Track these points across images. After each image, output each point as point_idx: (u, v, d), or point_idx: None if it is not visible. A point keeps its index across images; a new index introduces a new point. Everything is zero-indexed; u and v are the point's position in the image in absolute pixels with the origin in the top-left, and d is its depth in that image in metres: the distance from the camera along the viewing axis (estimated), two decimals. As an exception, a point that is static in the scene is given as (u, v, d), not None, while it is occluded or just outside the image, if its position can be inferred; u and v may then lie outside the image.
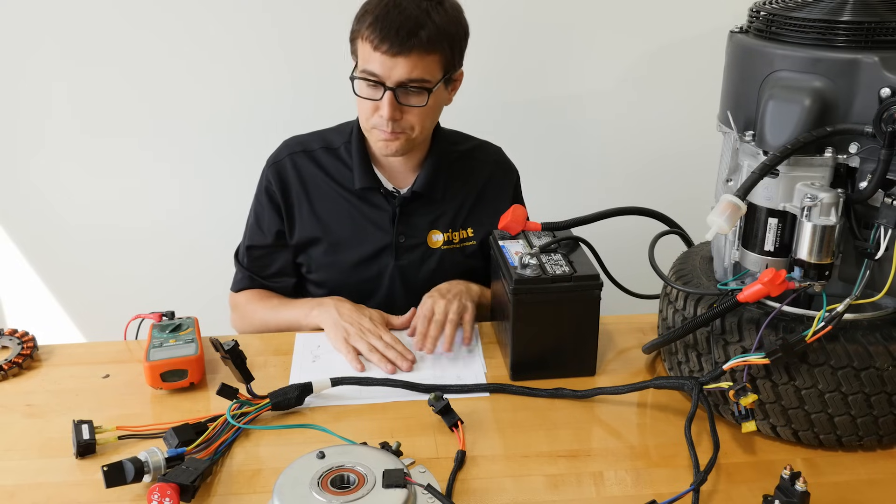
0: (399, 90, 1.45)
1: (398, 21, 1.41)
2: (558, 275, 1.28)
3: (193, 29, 2.17)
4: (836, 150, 1.06)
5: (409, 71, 1.43)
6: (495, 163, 1.71)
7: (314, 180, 1.63)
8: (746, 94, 1.14)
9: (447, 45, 1.47)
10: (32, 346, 1.41)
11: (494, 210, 1.59)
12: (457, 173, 1.65)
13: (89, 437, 1.13)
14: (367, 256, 1.63)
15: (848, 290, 1.09)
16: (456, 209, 1.65)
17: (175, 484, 1.01)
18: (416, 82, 1.44)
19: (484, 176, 1.68)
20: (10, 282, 2.46)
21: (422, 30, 1.42)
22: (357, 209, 1.62)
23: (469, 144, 1.71)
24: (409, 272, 1.63)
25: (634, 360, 1.39)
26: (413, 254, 1.63)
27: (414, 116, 1.49)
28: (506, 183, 1.71)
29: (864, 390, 1.08)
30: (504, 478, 1.10)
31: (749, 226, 1.16)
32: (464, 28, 1.53)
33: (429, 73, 1.45)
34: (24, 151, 2.28)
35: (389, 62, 1.42)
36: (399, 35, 1.40)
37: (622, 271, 1.46)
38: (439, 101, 1.53)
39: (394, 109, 1.46)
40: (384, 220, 1.62)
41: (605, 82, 2.31)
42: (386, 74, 1.43)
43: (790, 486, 0.98)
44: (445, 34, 1.46)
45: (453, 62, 1.51)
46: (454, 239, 1.65)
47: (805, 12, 1.09)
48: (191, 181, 2.31)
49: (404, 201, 1.61)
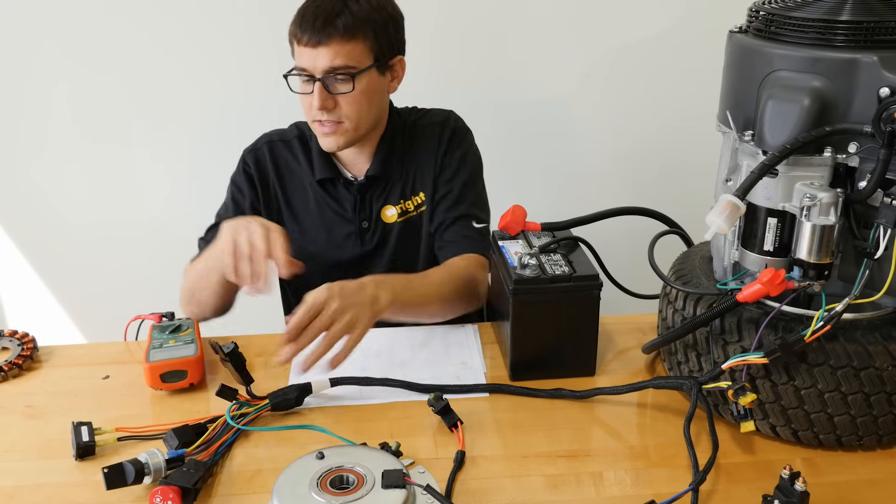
0: (328, 80, 1.49)
1: (315, 13, 1.47)
2: (558, 275, 1.28)
3: (192, 32, 2.18)
4: (835, 150, 1.06)
5: (331, 59, 1.47)
6: (438, 124, 1.68)
7: (288, 168, 1.68)
8: (745, 94, 1.14)
9: (370, 30, 1.51)
10: (32, 347, 1.41)
11: (439, 166, 1.63)
12: (406, 145, 1.67)
13: (89, 438, 1.13)
14: (335, 245, 1.67)
15: (847, 289, 1.09)
16: (405, 178, 1.66)
17: (177, 487, 1.01)
18: (340, 69, 1.49)
19: (427, 138, 1.67)
20: (10, 283, 2.46)
21: (338, 18, 1.47)
22: (322, 199, 1.67)
23: (417, 115, 1.72)
24: (376, 256, 1.67)
25: (634, 360, 1.39)
26: (375, 236, 1.67)
27: (346, 105, 1.52)
28: (447, 139, 1.66)
29: (864, 390, 1.08)
30: (503, 478, 1.10)
31: (748, 225, 1.15)
32: (390, 14, 1.56)
33: (352, 60, 1.49)
34: (24, 153, 2.28)
35: (312, 53, 1.48)
36: (315, 25, 1.46)
37: (622, 271, 1.46)
38: (373, 87, 1.55)
39: (324, 99, 1.49)
40: (347, 209, 1.66)
41: (605, 82, 2.31)
42: (311, 66, 1.49)
43: (790, 486, 0.98)
44: (366, 20, 1.50)
45: (382, 48, 1.54)
46: (409, 208, 1.66)
47: (804, 12, 1.09)
48: (191, 182, 2.31)
49: (361, 187, 1.64)
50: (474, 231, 1.60)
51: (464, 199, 1.64)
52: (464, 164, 1.66)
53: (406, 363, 1.38)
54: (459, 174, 1.65)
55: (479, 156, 1.72)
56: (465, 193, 1.65)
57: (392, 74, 1.60)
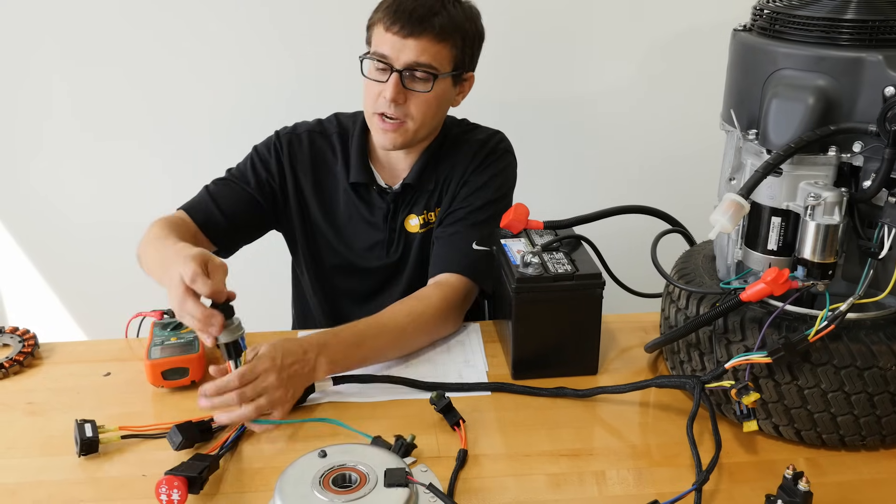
0: (406, 74, 1.44)
1: (412, 5, 1.43)
2: (560, 273, 1.27)
3: (193, 28, 2.17)
4: (839, 149, 1.06)
5: (418, 54, 1.43)
6: (480, 141, 1.61)
7: (325, 163, 1.61)
8: (750, 93, 1.13)
9: (459, 38, 1.48)
10: (33, 343, 1.40)
11: (464, 181, 1.56)
12: (445, 157, 1.60)
13: (92, 434, 1.13)
14: (358, 253, 1.63)
15: (851, 289, 1.09)
16: (434, 189, 1.60)
17: (183, 477, 1.01)
18: (423, 67, 1.44)
19: (464, 153, 1.59)
20: (11, 279, 2.46)
21: (435, 17, 1.43)
22: (353, 204, 1.62)
23: (465, 128, 1.65)
24: (399, 267, 1.63)
25: (636, 359, 1.39)
26: (400, 247, 1.62)
27: (416, 105, 1.47)
28: (482, 156, 1.58)
29: (868, 390, 1.08)
30: (506, 477, 1.10)
31: (752, 225, 1.15)
32: (478, 30, 1.53)
33: (437, 61, 1.45)
34: (25, 150, 2.28)
35: (399, 43, 1.43)
36: (412, 18, 1.42)
37: (624, 270, 1.46)
38: (444, 95, 1.51)
39: (398, 92, 1.44)
40: (377, 217, 1.61)
41: (605, 82, 2.31)
42: (395, 56, 1.43)
43: (793, 486, 0.98)
44: (459, 27, 1.47)
45: (464, 60, 1.51)
46: (430, 220, 1.60)
47: (809, 10, 1.09)
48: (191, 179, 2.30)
49: (396, 196, 1.60)
50: (471, 253, 1.46)
51: (474, 219, 1.54)
52: (489, 185, 1.57)
53: (408, 361, 1.38)
54: (481, 193, 1.56)
55: (512, 183, 1.63)
56: (479, 214, 1.54)
57: (461, 88, 1.56)
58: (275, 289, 2.00)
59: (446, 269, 1.49)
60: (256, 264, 1.77)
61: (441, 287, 1.45)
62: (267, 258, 1.84)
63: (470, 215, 1.54)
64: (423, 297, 1.43)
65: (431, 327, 1.41)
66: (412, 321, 1.37)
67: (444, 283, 1.46)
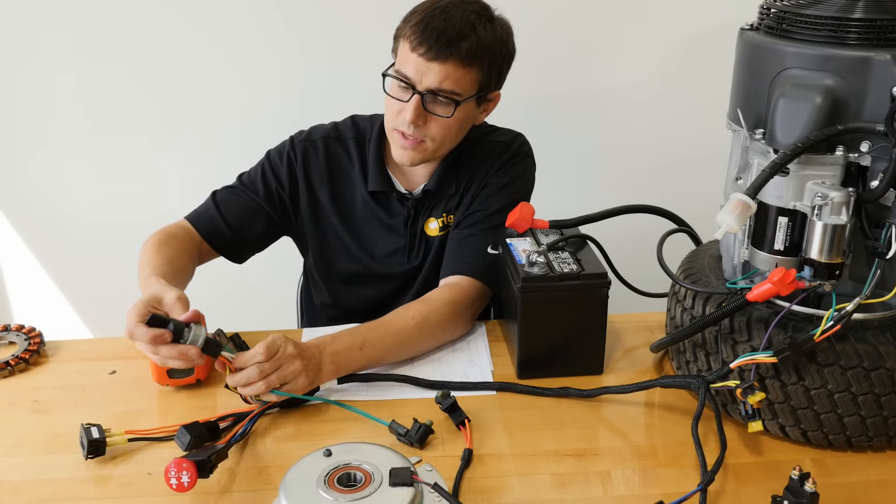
0: (427, 97, 1.41)
1: (441, 27, 1.38)
2: (566, 273, 1.27)
3: (200, 26, 2.17)
4: (847, 149, 1.06)
5: (441, 79, 1.39)
6: (502, 143, 1.59)
7: (341, 170, 1.59)
8: (757, 92, 1.13)
9: (487, 62, 1.43)
10: (39, 341, 1.41)
11: (483, 183, 1.54)
12: (466, 161, 1.58)
13: (99, 435, 1.12)
14: (379, 259, 1.61)
15: (858, 289, 1.08)
16: (454, 192, 1.57)
17: (192, 461, 1.01)
18: (445, 93, 1.41)
19: (486, 156, 1.57)
20: (17, 278, 2.46)
21: (463, 41, 1.38)
22: (372, 211, 1.59)
23: (484, 130, 1.62)
24: (420, 271, 1.60)
25: (642, 358, 1.39)
26: (420, 251, 1.60)
27: (436, 127, 1.44)
28: (504, 160, 1.57)
29: (874, 390, 1.08)
30: (511, 476, 1.10)
31: (759, 224, 1.15)
32: (508, 50, 1.48)
33: (460, 87, 1.41)
34: (30, 148, 2.28)
35: (424, 66, 1.39)
36: (439, 41, 1.37)
37: (630, 269, 1.46)
38: (467, 117, 1.48)
39: (417, 115, 1.41)
40: (398, 223, 1.59)
41: (611, 82, 2.31)
42: (418, 79, 1.40)
43: (799, 487, 0.98)
44: (487, 51, 1.42)
45: (489, 82, 1.47)
46: (449, 222, 1.58)
47: (816, 9, 1.08)
48: (197, 178, 2.30)
49: (417, 202, 1.58)
50: (485, 256, 1.46)
51: (490, 222, 1.52)
52: (508, 188, 1.55)
53: (414, 360, 1.38)
54: (499, 196, 1.54)
55: (530, 187, 1.62)
56: (496, 218, 1.51)
57: (485, 107, 1.53)
58: (278, 289, 2.01)
59: (457, 270, 1.48)
60: (257, 264, 1.77)
61: (451, 289, 1.44)
62: (267, 258, 1.84)
63: (487, 218, 1.53)
64: (430, 300, 1.42)
65: (437, 331, 1.40)
66: (417, 325, 1.36)
67: (453, 285, 1.45)
